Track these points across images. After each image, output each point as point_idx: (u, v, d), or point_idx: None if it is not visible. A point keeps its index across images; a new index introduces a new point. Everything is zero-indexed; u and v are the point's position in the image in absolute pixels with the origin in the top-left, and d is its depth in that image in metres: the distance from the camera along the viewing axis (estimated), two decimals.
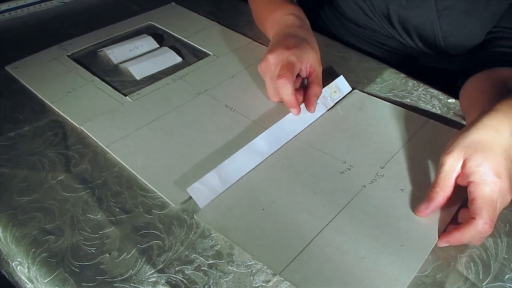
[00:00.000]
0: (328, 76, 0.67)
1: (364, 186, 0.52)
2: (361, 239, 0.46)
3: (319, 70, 0.63)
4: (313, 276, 0.43)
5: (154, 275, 0.43)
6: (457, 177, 0.48)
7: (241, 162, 0.54)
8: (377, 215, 0.49)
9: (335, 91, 0.65)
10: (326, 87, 0.64)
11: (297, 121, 0.60)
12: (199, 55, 0.76)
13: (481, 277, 0.44)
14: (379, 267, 0.44)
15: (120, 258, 0.45)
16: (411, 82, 0.70)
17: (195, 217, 0.49)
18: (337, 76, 0.67)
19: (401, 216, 0.49)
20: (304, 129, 0.60)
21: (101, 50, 0.75)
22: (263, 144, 0.56)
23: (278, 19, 0.69)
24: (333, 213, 0.49)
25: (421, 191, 0.51)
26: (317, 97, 0.61)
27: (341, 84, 0.66)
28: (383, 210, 0.49)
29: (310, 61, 0.62)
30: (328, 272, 0.43)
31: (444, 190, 0.47)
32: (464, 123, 0.61)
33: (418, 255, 0.45)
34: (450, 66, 0.78)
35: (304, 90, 0.62)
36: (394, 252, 0.45)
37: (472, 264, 0.45)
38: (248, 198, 0.51)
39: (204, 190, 0.50)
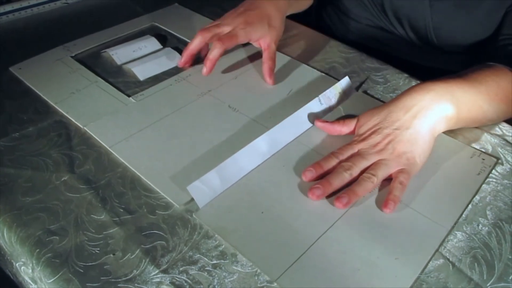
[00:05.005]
0: (332, 77, 0.67)
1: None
2: (357, 250, 0.46)
3: (273, 47, 0.69)
4: (308, 286, 0.43)
5: (158, 276, 0.44)
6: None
7: (242, 162, 0.53)
8: (374, 226, 0.48)
9: (339, 92, 0.65)
10: (331, 88, 0.64)
11: (300, 122, 0.60)
12: (202, 56, 0.76)
13: (485, 277, 0.44)
14: (372, 280, 0.43)
15: (124, 259, 0.45)
16: (414, 83, 0.70)
17: (193, 215, 0.49)
18: (341, 76, 0.67)
19: (397, 229, 0.48)
20: (307, 130, 0.60)
21: (105, 51, 0.75)
22: (265, 145, 0.56)
23: None
24: (330, 222, 0.49)
25: (418, 203, 0.51)
26: (272, 70, 0.68)
27: (345, 85, 0.66)
28: (380, 222, 0.49)
29: (265, 39, 0.69)
30: (323, 282, 0.43)
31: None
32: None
33: (411, 270, 0.44)
34: (450, 67, 0.78)
35: None
36: (388, 265, 0.45)
37: (476, 264, 0.45)
38: (248, 201, 0.51)
39: (204, 189, 0.50)
